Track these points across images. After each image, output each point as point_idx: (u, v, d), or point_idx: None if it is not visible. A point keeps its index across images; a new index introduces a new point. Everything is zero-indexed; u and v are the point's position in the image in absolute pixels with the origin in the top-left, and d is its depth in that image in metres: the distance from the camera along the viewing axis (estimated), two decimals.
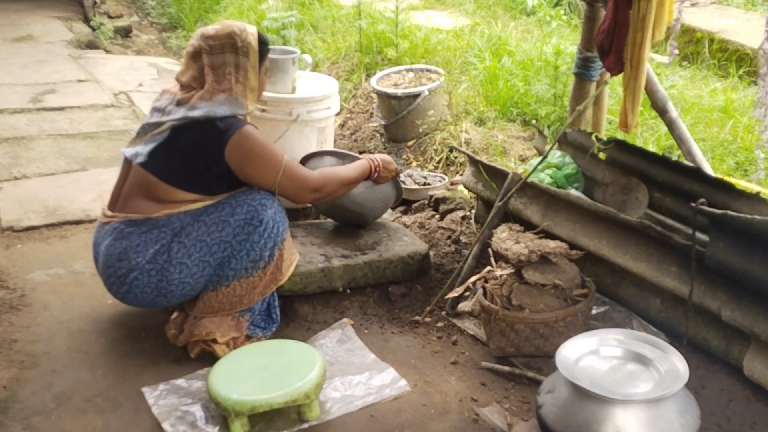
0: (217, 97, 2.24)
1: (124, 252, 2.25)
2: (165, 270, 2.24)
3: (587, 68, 2.91)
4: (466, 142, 3.70)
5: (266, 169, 2.27)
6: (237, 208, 2.27)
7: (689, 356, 1.94)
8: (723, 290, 2.06)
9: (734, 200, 2.36)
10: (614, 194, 2.65)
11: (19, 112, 4.54)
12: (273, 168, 2.27)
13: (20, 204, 3.36)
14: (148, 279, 2.25)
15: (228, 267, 2.29)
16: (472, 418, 2.07)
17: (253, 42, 2.28)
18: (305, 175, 2.37)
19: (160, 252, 2.24)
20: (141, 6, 7.64)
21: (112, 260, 2.27)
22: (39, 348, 2.37)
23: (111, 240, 2.28)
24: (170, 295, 2.28)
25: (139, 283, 2.26)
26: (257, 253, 2.29)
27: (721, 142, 3.43)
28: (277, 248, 2.33)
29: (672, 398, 1.74)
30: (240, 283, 2.30)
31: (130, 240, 2.25)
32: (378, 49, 4.89)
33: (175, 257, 2.24)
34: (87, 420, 2.06)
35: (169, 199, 2.27)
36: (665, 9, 2.32)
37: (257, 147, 2.25)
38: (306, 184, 2.35)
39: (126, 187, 2.34)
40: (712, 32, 4.92)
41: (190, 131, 2.25)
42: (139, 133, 2.39)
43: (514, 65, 4.34)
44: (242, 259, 2.28)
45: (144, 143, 2.33)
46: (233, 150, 2.22)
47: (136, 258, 2.24)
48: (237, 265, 2.29)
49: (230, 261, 2.29)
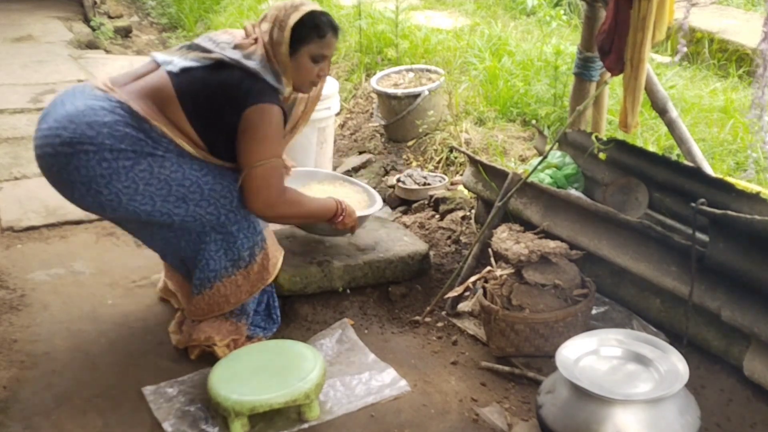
0: (267, 64, 2.17)
1: (99, 123, 2.05)
2: (115, 171, 2.06)
3: (587, 68, 2.91)
4: (466, 142, 3.70)
5: (254, 152, 2.13)
6: (218, 190, 2.18)
7: (689, 356, 1.94)
8: (723, 290, 2.06)
9: (734, 200, 2.36)
10: (614, 194, 2.65)
11: (19, 112, 4.54)
12: (260, 154, 2.13)
13: (20, 204, 3.36)
14: (94, 164, 2.05)
15: (207, 269, 2.26)
16: (472, 418, 2.07)
17: (290, 20, 2.15)
18: (275, 186, 2.18)
19: (127, 155, 2.07)
20: (141, 6, 7.63)
21: (79, 118, 2.06)
22: (39, 348, 2.37)
23: (93, 102, 2.09)
24: (96, 196, 2.09)
25: (82, 161, 2.04)
26: (235, 253, 2.27)
27: (721, 142, 3.43)
28: (257, 247, 2.29)
29: (672, 398, 1.75)
30: (223, 283, 2.28)
31: (113, 118, 2.07)
32: (378, 49, 4.88)
33: (133, 170, 2.07)
34: (87, 420, 2.06)
35: (173, 123, 2.13)
36: (666, 9, 2.32)
37: (266, 129, 2.14)
38: (268, 192, 2.16)
39: (139, 83, 2.18)
40: (712, 32, 4.91)
41: (232, 74, 2.14)
42: (181, 48, 2.25)
43: (514, 65, 4.33)
44: (220, 259, 2.26)
45: (183, 57, 2.19)
46: (251, 114, 2.11)
47: (105, 139, 2.04)
48: (216, 266, 2.27)
49: (208, 262, 2.26)
